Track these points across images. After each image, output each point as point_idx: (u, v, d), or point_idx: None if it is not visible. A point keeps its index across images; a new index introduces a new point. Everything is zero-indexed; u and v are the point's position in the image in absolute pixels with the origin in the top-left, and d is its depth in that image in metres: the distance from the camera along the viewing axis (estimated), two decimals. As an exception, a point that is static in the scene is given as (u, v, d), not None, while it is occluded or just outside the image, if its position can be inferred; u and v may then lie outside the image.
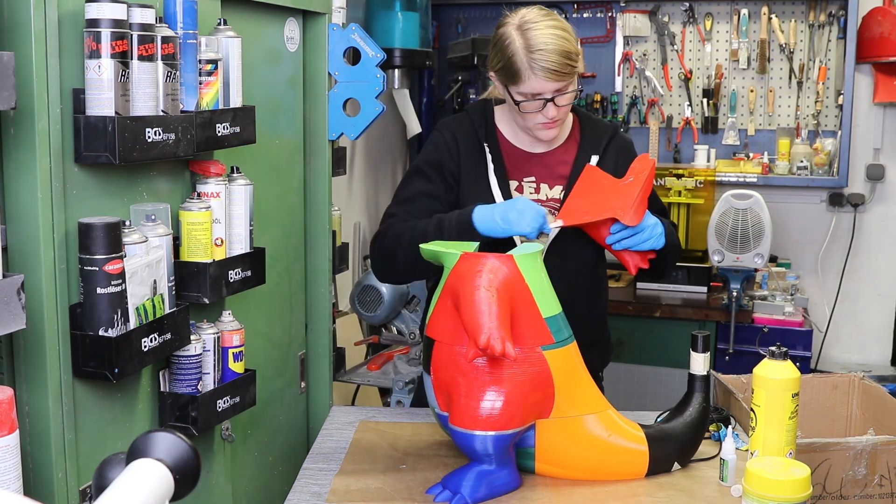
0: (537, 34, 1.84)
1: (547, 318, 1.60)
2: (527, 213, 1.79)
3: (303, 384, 2.50)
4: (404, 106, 3.64)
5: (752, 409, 1.69)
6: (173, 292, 1.72)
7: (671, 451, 1.71)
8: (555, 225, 1.87)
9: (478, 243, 1.73)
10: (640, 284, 3.68)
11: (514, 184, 2.01)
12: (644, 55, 4.14)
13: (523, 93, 1.88)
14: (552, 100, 1.88)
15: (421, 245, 1.69)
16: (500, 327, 1.48)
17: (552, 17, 1.89)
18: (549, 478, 1.68)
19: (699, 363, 1.71)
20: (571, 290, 1.83)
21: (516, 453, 1.65)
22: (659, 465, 1.70)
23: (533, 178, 2.02)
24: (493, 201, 1.94)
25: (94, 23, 1.50)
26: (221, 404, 1.84)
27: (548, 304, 1.62)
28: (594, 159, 2.01)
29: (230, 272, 1.85)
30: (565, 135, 2.06)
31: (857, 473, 1.89)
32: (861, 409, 2.25)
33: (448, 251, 1.62)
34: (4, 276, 1.31)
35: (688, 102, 4.11)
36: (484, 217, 1.83)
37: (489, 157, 1.99)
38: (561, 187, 2.01)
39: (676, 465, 1.72)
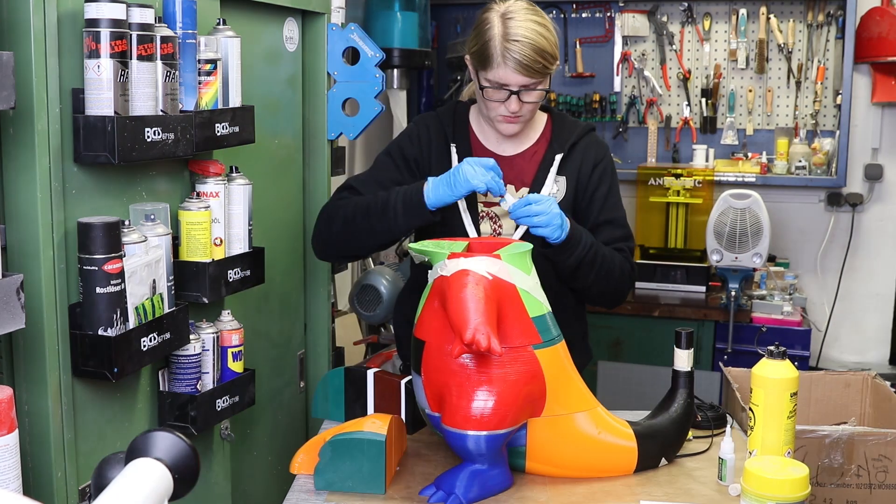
0: (517, 25, 1.85)
1: (534, 317, 1.61)
2: (478, 166, 1.80)
3: (302, 384, 2.50)
4: (396, 106, 3.64)
5: (750, 409, 1.69)
6: (172, 292, 1.72)
7: (658, 446, 1.73)
8: (506, 200, 1.83)
9: (466, 243, 1.73)
10: (638, 284, 3.68)
11: None
12: (643, 55, 4.14)
13: (490, 80, 1.89)
14: (517, 93, 1.88)
15: (409, 245, 1.71)
16: (485, 323, 1.48)
17: (537, 14, 1.90)
18: (547, 476, 1.68)
19: (683, 359, 1.73)
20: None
21: (507, 452, 1.65)
22: (647, 461, 1.72)
23: None
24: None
25: (93, 23, 1.50)
26: (220, 404, 1.84)
27: (535, 303, 1.62)
28: (558, 158, 2.00)
29: (229, 272, 1.86)
30: (534, 136, 2.05)
31: (833, 462, 1.91)
32: (873, 408, 2.25)
33: (436, 251, 1.62)
34: (4, 276, 1.32)
35: (686, 102, 4.11)
36: (436, 186, 1.83)
37: (454, 157, 2.00)
38: (526, 190, 2.00)
39: (663, 461, 1.74)
